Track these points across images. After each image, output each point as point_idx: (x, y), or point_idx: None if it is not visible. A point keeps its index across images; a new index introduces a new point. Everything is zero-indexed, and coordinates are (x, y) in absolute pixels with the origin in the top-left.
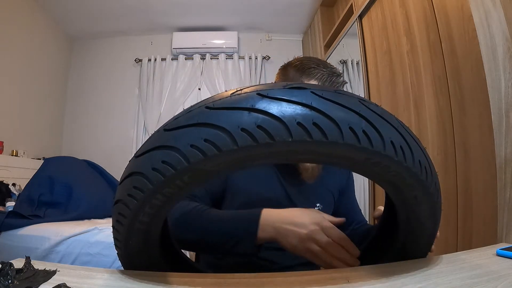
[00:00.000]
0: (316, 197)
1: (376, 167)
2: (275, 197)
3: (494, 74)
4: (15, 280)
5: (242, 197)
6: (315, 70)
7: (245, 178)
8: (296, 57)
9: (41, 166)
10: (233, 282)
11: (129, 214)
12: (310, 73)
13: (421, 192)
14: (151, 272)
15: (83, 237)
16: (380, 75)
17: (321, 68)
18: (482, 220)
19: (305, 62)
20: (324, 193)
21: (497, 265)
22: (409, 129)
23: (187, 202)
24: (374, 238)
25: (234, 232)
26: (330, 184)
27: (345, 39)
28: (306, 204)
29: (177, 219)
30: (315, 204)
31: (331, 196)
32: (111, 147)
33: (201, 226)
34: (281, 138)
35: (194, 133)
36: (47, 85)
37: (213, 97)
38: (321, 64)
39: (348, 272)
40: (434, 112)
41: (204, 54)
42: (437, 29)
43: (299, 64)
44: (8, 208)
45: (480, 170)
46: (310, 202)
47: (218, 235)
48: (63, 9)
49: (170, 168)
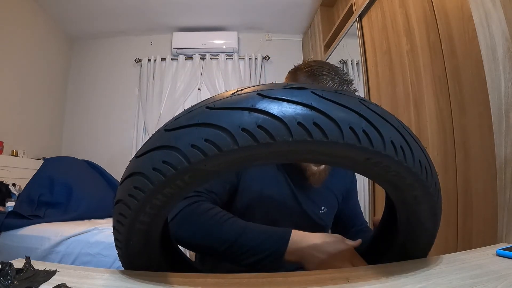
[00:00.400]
0: (322, 200)
1: (376, 167)
2: (283, 199)
3: (494, 74)
4: (15, 280)
5: (251, 196)
6: (326, 78)
7: (255, 177)
8: (306, 60)
9: (41, 166)
10: (233, 282)
11: (129, 214)
12: (321, 80)
13: (421, 192)
14: (151, 272)
15: (83, 237)
16: (380, 75)
17: (332, 75)
18: (482, 220)
19: (316, 68)
20: (329, 196)
21: (497, 265)
22: (410, 129)
23: (208, 205)
24: (374, 238)
25: (261, 248)
26: (335, 187)
27: (345, 39)
28: (311, 207)
29: (195, 222)
30: (321, 207)
31: (335, 199)
32: (111, 147)
33: (223, 235)
34: (282, 138)
35: (194, 133)
36: (47, 85)
37: (213, 97)
38: (332, 71)
39: (348, 272)
40: (434, 112)
41: (204, 54)
42: (437, 29)
43: (310, 69)
44: (8, 208)
45: (480, 170)
46: (316, 205)
47: (243, 247)
48: (63, 9)
49: (171, 168)
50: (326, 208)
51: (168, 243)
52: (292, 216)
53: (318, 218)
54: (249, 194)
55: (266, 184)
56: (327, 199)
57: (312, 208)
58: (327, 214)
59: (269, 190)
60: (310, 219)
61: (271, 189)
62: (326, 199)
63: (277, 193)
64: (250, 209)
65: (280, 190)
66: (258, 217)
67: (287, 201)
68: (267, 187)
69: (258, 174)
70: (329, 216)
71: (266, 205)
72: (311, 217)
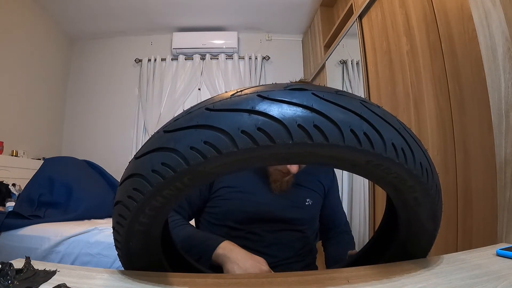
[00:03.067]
0: (306, 193)
1: (377, 169)
2: (264, 201)
3: (494, 74)
4: (15, 281)
5: (229, 204)
6: None
7: (234, 183)
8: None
9: (41, 166)
10: (233, 282)
11: (129, 216)
12: None
13: (422, 194)
14: (151, 272)
15: (83, 237)
16: (380, 75)
17: None
18: (482, 220)
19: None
20: (313, 186)
21: (497, 265)
22: (411, 130)
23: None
24: (374, 238)
25: (197, 250)
26: (320, 178)
27: (345, 39)
28: (293, 203)
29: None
30: (306, 200)
31: (321, 187)
32: (111, 147)
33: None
34: (282, 140)
35: (194, 135)
36: (47, 85)
37: (213, 99)
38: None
39: (348, 272)
40: (434, 112)
41: (204, 54)
42: (437, 29)
43: None
44: (8, 208)
45: (480, 170)
46: (299, 199)
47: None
48: (63, 9)
49: (170, 170)
50: (311, 200)
51: (169, 243)
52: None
53: (304, 211)
54: (226, 200)
55: (244, 187)
56: (311, 191)
57: (294, 204)
58: (314, 205)
59: (249, 195)
60: (287, 219)
61: (248, 191)
62: (309, 192)
63: (258, 197)
64: (230, 213)
65: (261, 193)
66: (240, 219)
67: (268, 203)
68: (244, 190)
69: (239, 181)
70: (316, 208)
71: (249, 209)
72: (289, 216)
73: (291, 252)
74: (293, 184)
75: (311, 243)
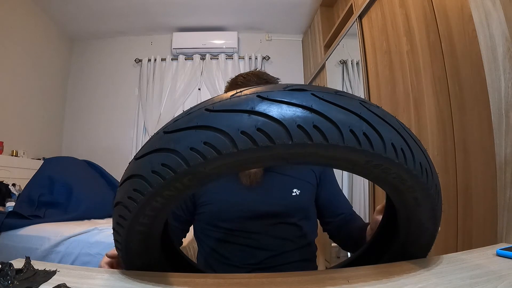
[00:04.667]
0: (292, 183)
1: (376, 169)
2: (241, 201)
3: (494, 74)
4: (15, 281)
5: (212, 207)
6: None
7: (210, 190)
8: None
9: (41, 166)
10: (233, 282)
11: (129, 217)
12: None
13: (421, 194)
14: (151, 272)
15: (83, 237)
16: (380, 75)
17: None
18: (482, 220)
19: (233, 79)
20: (303, 175)
21: (497, 265)
22: (410, 130)
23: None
24: (374, 238)
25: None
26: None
27: (345, 39)
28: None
29: None
30: (292, 191)
31: (313, 175)
32: (111, 148)
33: None
34: (281, 141)
35: (193, 136)
36: (47, 85)
37: (212, 99)
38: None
39: (348, 272)
40: (434, 112)
41: (204, 54)
42: (437, 29)
43: (230, 81)
44: (8, 208)
45: (480, 170)
46: (285, 189)
47: None
48: (63, 10)
49: (170, 171)
50: (298, 190)
51: (169, 244)
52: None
53: (290, 202)
54: (211, 208)
55: (217, 187)
56: (299, 180)
57: (277, 195)
58: (303, 195)
59: (226, 197)
60: (274, 212)
61: (227, 196)
62: (297, 181)
63: (234, 197)
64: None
65: (236, 194)
66: (228, 219)
67: (245, 202)
68: (219, 190)
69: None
70: (307, 196)
71: (227, 212)
72: (274, 209)
73: (288, 245)
74: (279, 175)
75: (307, 234)
